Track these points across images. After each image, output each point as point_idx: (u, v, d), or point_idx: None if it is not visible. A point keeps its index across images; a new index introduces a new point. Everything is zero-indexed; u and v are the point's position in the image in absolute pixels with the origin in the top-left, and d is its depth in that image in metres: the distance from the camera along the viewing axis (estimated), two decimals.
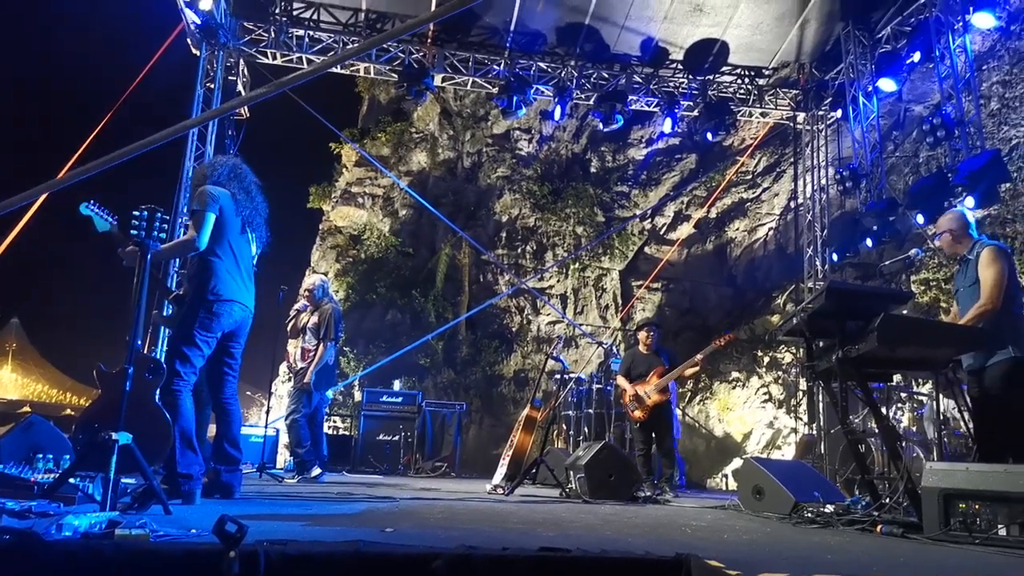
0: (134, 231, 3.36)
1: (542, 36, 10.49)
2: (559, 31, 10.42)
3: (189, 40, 9.81)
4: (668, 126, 10.99)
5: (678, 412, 10.36)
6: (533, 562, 2.03)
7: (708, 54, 10.64)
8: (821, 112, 11.30)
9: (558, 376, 10.02)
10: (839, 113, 10.73)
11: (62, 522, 2.02)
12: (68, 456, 3.84)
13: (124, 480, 3.10)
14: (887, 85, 9.60)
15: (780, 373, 12.07)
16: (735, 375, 12.55)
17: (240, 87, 10.24)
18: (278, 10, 10.02)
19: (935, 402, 5.91)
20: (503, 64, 10.47)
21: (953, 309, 4.72)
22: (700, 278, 14.15)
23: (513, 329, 13.96)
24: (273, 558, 1.82)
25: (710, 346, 7.17)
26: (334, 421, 11.97)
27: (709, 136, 10.89)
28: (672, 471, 7.24)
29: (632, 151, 14.67)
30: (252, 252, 4.32)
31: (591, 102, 10.88)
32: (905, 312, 6.83)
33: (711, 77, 10.96)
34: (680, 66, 10.91)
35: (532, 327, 13.95)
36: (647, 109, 11.37)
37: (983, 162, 7.44)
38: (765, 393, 12.10)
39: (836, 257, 10.17)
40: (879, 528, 3.61)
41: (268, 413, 8.01)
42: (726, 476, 11.49)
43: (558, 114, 10.71)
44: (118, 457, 2.89)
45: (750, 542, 3.05)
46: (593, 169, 14.74)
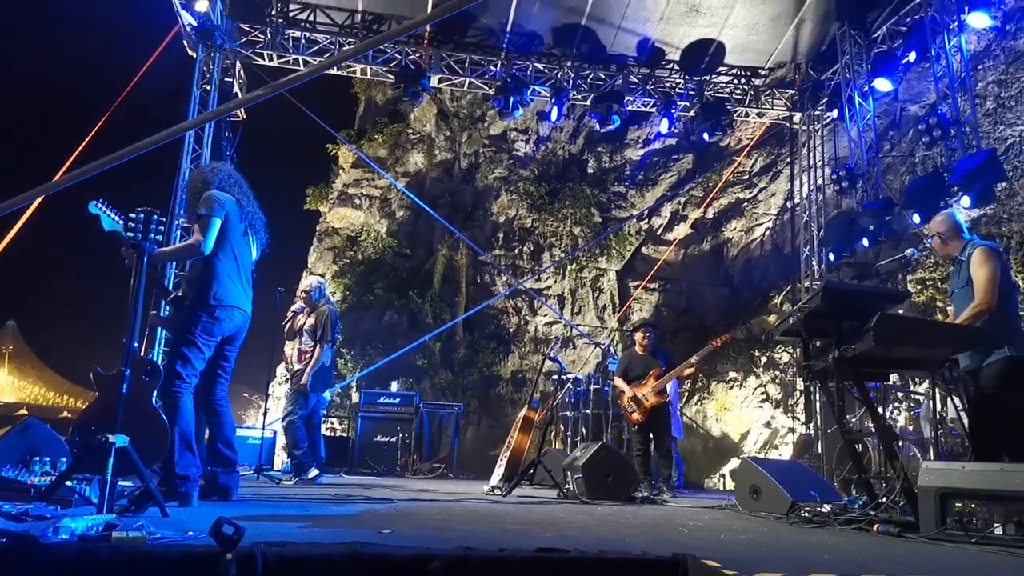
0: (130, 233, 3.35)
1: (538, 37, 10.50)
2: (555, 32, 10.43)
3: (185, 42, 9.80)
4: (665, 126, 11.00)
5: (678, 412, 10.35)
6: (530, 563, 2.03)
7: (704, 54, 10.65)
8: (817, 112, 11.32)
9: (555, 377, 10.02)
10: (835, 113, 10.75)
11: (59, 525, 2.02)
12: (65, 459, 3.83)
13: (121, 483, 3.10)
14: (883, 85, 9.62)
15: (777, 373, 12.09)
16: (732, 375, 12.56)
17: (236, 89, 10.23)
18: (274, 12, 10.01)
19: (931, 401, 5.93)
20: (500, 65, 10.48)
21: (950, 311, 4.73)
22: (697, 278, 14.17)
23: (510, 330, 13.96)
24: (270, 560, 1.82)
25: (706, 347, 7.18)
26: (331, 423, 11.96)
27: (706, 136, 10.89)
28: (670, 471, 7.25)
29: (629, 151, 14.69)
30: (252, 257, 4.37)
31: (588, 103, 10.89)
32: (901, 312, 6.85)
33: (707, 77, 10.97)
34: (676, 66, 10.92)
35: (529, 328, 13.96)
36: (644, 110, 11.38)
37: (979, 161, 7.46)
38: (762, 393, 12.12)
39: (833, 257, 10.19)
40: (876, 527, 3.62)
41: (265, 415, 8.00)
42: (723, 476, 11.50)
43: (555, 115, 10.71)
44: (115, 460, 2.88)
45: (747, 542, 3.06)
46: (590, 170, 14.75)
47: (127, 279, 3.39)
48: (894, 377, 7.16)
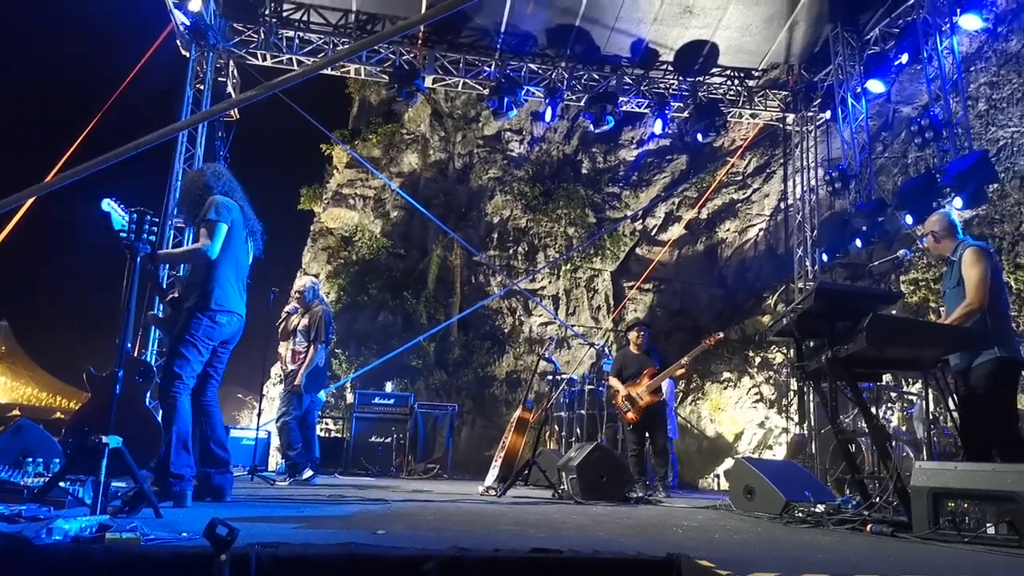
0: (123, 234, 3.33)
1: (532, 37, 10.51)
2: (549, 32, 10.44)
3: (178, 41, 9.77)
4: (659, 127, 11.01)
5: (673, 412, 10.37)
6: (525, 563, 2.03)
7: (698, 55, 10.68)
8: (810, 113, 11.36)
9: (550, 377, 10.03)
10: (828, 114, 10.78)
11: (52, 526, 2.01)
12: (58, 460, 3.82)
13: (114, 484, 3.09)
14: (875, 86, 9.66)
15: (771, 373, 12.13)
16: (726, 375, 12.59)
17: (230, 88, 10.20)
18: (268, 11, 9.99)
19: (924, 401, 5.96)
20: (494, 65, 10.48)
21: (943, 311, 4.75)
22: (691, 279, 14.20)
23: (505, 330, 13.97)
24: (264, 561, 1.82)
25: (699, 346, 7.20)
26: (326, 423, 11.94)
27: (699, 137, 10.92)
28: (666, 470, 7.26)
29: (623, 152, 14.71)
30: (248, 263, 4.42)
31: (582, 103, 10.90)
32: (894, 312, 6.88)
33: (701, 79, 11.00)
34: (670, 67, 10.94)
35: (524, 328, 13.97)
36: (638, 110, 11.39)
37: (971, 163, 7.49)
38: (756, 393, 12.15)
39: (826, 257, 10.22)
40: (869, 527, 3.63)
41: (259, 416, 7.98)
42: (718, 476, 11.52)
43: (549, 115, 10.72)
44: (108, 460, 2.88)
45: (741, 542, 3.07)
46: (584, 170, 14.77)
47: (120, 279, 3.38)
48: (887, 377, 7.18)
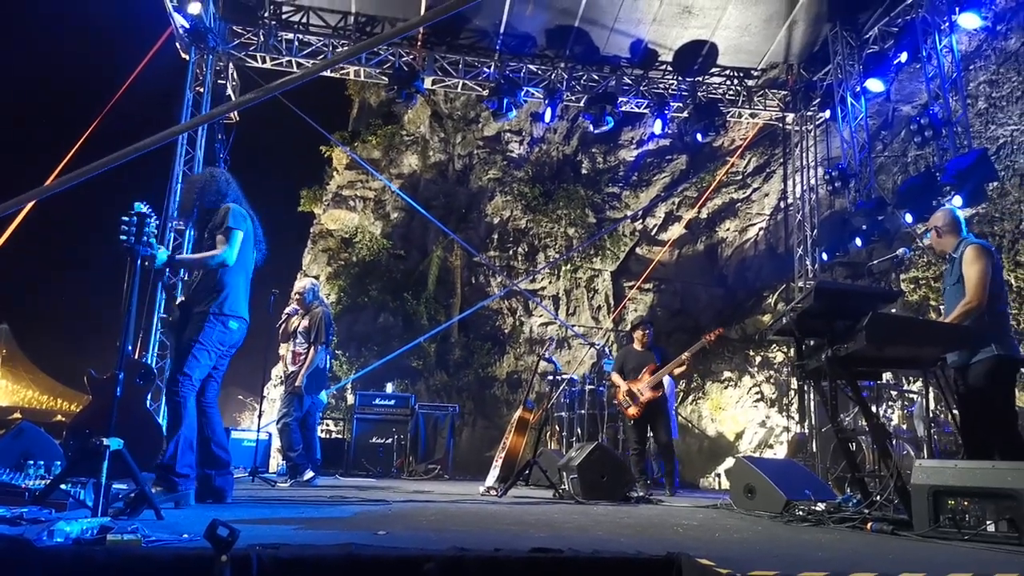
0: (123, 236, 3.33)
1: (532, 38, 10.51)
2: (549, 33, 10.44)
3: (178, 44, 9.78)
4: (658, 127, 11.02)
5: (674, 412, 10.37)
6: (525, 563, 2.03)
7: (697, 56, 10.68)
8: (810, 113, 11.36)
9: (551, 377, 10.03)
10: (828, 114, 10.79)
11: (53, 528, 2.02)
12: (59, 462, 3.83)
13: (116, 486, 3.10)
14: (875, 85, 9.66)
15: (772, 372, 12.12)
16: (727, 375, 12.59)
17: (230, 91, 10.22)
18: (267, 14, 10.01)
19: (925, 400, 5.96)
20: (493, 67, 10.49)
21: (943, 308, 4.75)
22: (691, 278, 14.19)
23: (505, 331, 13.97)
24: (265, 562, 1.82)
25: (699, 342, 7.21)
26: (327, 424, 11.94)
27: (699, 137, 10.93)
28: (672, 466, 7.27)
29: (623, 152, 14.71)
30: (252, 269, 4.48)
31: (581, 104, 10.91)
32: (894, 311, 6.88)
33: (700, 79, 11.00)
34: (670, 68, 10.94)
35: (524, 329, 13.96)
36: (637, 111, 11.40)
37: (970, 161, 7.50)
38: (757, 392, 12.14)
39: (826, 257, 10.22)
40: (869, 526, 3.63)
41: (260, 417, 7.98)
42: (719, 475, 11.52)
43: (548, 116, 10.73)
44: (109, 463, 2.88)
45: (741, 540, 3.07)
46: (584, 171, 14.76)
47: (120, 282, 3.39)
48: (887, 376, 7.19)
